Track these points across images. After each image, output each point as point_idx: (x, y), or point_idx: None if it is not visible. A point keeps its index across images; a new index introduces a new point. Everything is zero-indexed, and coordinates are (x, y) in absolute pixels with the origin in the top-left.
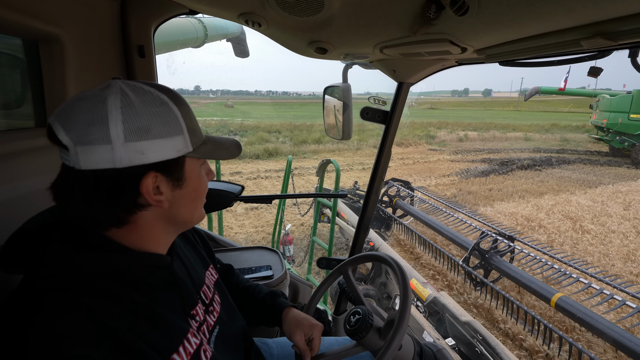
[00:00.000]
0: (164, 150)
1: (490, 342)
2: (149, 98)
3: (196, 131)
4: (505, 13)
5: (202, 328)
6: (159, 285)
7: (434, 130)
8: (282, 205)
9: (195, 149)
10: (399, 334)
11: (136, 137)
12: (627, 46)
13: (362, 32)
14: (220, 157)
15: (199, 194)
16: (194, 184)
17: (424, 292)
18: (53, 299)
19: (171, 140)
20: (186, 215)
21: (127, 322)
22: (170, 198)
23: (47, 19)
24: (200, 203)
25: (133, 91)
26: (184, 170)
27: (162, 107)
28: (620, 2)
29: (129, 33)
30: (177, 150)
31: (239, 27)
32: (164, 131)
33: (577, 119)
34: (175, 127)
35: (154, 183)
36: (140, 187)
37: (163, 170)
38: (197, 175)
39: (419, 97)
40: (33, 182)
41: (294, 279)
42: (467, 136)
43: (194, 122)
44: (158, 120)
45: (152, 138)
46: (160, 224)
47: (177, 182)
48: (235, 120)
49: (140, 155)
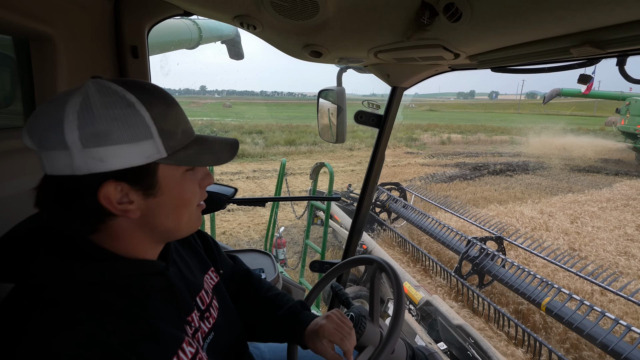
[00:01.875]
0: (129, 157)
1: (482, 346)
2: (114, 100)
3: (174, 134)
4: (497, 20)
5: (197, 335)
6: (153, 292)
7: (419, 133)
8: (275, 208)
9: (172, 155)
10: (393, 338)
11: (94, 143)
12: (615, 54)
13: (356, 36)
14: (204, 163)
15: (182, 202)
16: (174, 192)
17: (416, 295)
18: (43, 314)
19: (137, 146)
20: (170, 224)
21: (120, 337)
22: (144, 207)
23: (39, 18)
24: (186, 211)
25: (100, 92)
26: (156, 178)
27: (126, 109)
28: (609, 12)
29: (123, 33)
30: (146, 156)
31: (233, 29)
32: (127, 136)
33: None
34: (142, 131)
35: (118, 192)
36: (98, 197)
37: (128, 179)
38: (178, 182)
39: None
40: (21, 183)
41: (286, 282)
42: (451, 139)
43: (173, 124)
44: (120, 124)
45: (112, 144)
46: (140, 233)
47: (148, 191)
48: (224, 121)
49: (99, 163)
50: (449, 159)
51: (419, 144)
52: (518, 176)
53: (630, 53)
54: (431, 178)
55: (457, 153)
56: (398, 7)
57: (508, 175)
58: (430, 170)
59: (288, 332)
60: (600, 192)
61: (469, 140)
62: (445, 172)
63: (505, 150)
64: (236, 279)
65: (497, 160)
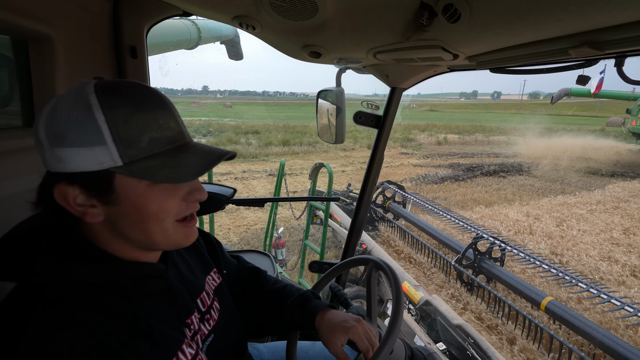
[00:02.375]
0: (83, 161)
1: (482, 346)
2: (77, 101)
3: (136, 142)
4: (496, 21)
5: (196, 337)
6: (152, 294)
7: (416, 133)
8: (274, 209)
9: (128, 164)
10: (391, 338)
11: (55, 143)
12: (613, 56)
13: (355, 37)
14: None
15: (146, 217)
16: (135, 204)
17: (416, 294)
18: (43, 314)
19: (90, 151)
20: (139, 236)
21: (119, 337)
22: (107, 213)
23: (38, 18)
24: (155, 226)
25: (74, 92)
26: (113, 186)
27: (84, 112)
28: (607, 13)
29: (121, 33)
30: (99, 162)
31: (233, 30)
32: (80, 140)
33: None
34: (94, 136)
35: (77, 194)
36: (53, 195)
37: (81, 182)
38: (139, 194)
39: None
40: (20, 183)
41: None
42: (447, 139)
43: (136, 131)
44: (75, 127)
45: (68, 146)
46: (117, 238)
47: (105, 198)
48: (222, 121)
49: (59, 163)
50: (444, 160)
51: (414, 144)
52: (511, 177)
53: (628, 54)
54: (422, 179)
55: (452, 154)
56: (397, 8)
57: (501, 176)
58: (422, 171)
59: (300, 317)
60: (591, 194)
61: (466, 140)
62: (437, 172)
63: (502, 151)
64: (242, 277)
65: (493, 161)
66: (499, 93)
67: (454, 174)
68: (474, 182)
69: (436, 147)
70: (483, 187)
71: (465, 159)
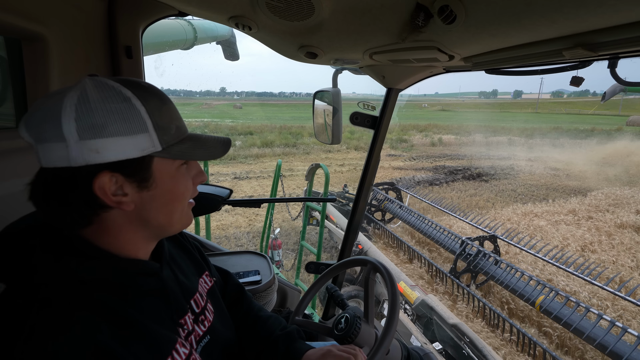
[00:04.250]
0: (124, 149)
1: (478, 345)
2: (111, 94)
3: (168, 129)
4: (491, 23)
5: (190, 338)
6: (146, 293)
7: (413, 134)
8: (271, 210)
9: (166, 148)
10: (387, 339)
11: (90, 134)
12: (607, 57)
13: (352, 37)
14: (198, 157)
15: (174, 197)
16: (167, 186)
17: (412, 295)
18: (40, 313)
19: (132, 139)
20: (161, 219)
21: (114, 336)
22: (138, 200)
23: (31, 17)
24: (178, 207)
25: (96, 87)
26: (151, 171)
27: (123, 103)
28: (601, 15)
29: (117, 33)
30: (141, 149)
31: (229, 30)
32: (123, 129)
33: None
34: (138, 124)
35: (113, 183)
36: (93, 187)
37: (122, 170)
38: (172, 176)
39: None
40: (13, 184)
41: (282, 284)
42: (442, 140)
43: (167, 120)
44: (116, 117)
45: (107, 136)
46: (132, 227)
47: (142, 184)
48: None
49: (95, 154)
50: (430, 162)
51: (406, 145)
52: (495, 181)
53: (621, 55)
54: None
55: (443, 155)
56: (393, 9)
57: (483, 180)
58: (400, 174)
59: (283, 355)
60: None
61: (463, 141)
62: (415, 176)
63: (496, 153)
64: (229, 289)
65: (482, 163)
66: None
67: (432, 178)
68: (451, 187)
69: (429, 148)
70: (458, 192)
71: (453, 161)
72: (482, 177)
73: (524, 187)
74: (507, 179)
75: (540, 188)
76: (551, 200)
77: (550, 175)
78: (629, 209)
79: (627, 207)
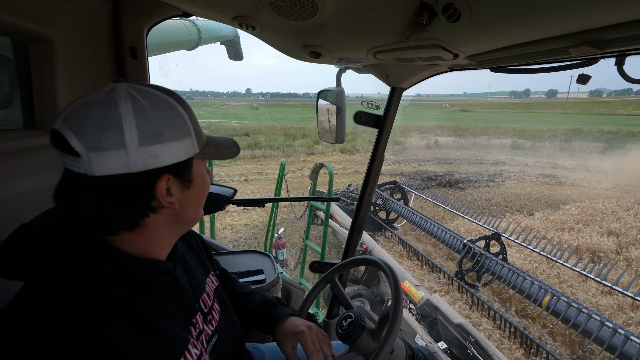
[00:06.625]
0: (175, 153)
1: (483, 344)
2: (158, 101)
3: (200, 132)
4: (496, 20)
5: (201, 337)
6: (161, 292)
7: (408, 135)
8: (275, 209)
9: (201, 150)
10: (391, 338)
11: (150, 141)
12: (614, 54)
13: (355, 37)
14: (222, 156)
15: (203, 194)
16: (200, 184)
17: (416, 294)
18: (59, 312)
19: (181, 143)
20: (191, 214)
21: (132, 336)
22: (180, 199)
23: (37, 19)
24: (203, 202)
25: (141, 95)
26: (192, 172)
27: (170, 110)
28: (607, 12)
29: (122, 34)
30: (186, 152)
31: (233, 30)
32: (175, 134)
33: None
34: (184, 129)
35: (167, 185)
36: (155, 191)
37: (175, 173)
38: (202, 175)
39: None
40: (21, 184)
41: (286, 283)
42: (438, 143)
43: (197, 123)
44: (169, 123)
45: (164, 142)
46: (167, 226)
47: (186, 184)
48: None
49: (154, 159)
50: (412, 167)
51: (398, 148)
52: (471, 189)
53: (629, 53)
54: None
55: (431, 159)
56: (397, 8)
57: (459, 188)
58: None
59: (263, 322)
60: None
61: (461, 144)
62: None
63: (490, 157)
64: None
65: (471, 168)
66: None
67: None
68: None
69: (421, 151)
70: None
71: (439, 166)
72: (459, 184)
73: (503, 197)
74: (489, 186)
75: (521, 198)
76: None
77: (540, 183)
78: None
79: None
